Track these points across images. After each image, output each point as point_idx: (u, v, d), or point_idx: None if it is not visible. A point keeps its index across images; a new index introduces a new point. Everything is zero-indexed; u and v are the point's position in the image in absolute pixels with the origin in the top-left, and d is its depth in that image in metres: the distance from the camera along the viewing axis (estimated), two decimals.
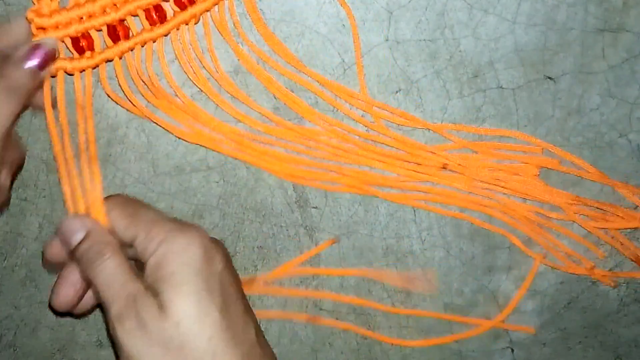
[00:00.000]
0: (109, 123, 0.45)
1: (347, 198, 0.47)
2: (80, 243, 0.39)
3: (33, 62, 0.39)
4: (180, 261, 0.36)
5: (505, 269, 0.49)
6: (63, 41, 0.41)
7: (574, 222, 0.47)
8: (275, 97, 0.45)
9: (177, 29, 0.42)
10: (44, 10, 0.40)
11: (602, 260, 0.48)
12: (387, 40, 0.44)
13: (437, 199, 0.47)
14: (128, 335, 0.35)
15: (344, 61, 0.44)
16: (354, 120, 0.45)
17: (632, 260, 0.48)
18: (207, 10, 0.42)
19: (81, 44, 0.41)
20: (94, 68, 0.42)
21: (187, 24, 0.42)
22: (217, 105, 0.44)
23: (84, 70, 0.42)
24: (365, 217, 0.47)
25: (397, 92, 0.45)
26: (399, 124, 0.46)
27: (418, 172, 0.46)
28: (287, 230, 0.47)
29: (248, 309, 0.38)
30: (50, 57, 0.40)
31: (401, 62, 0.45)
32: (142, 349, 0.35)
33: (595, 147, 0.46)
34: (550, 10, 0.44)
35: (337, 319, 0.49)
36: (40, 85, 0.40)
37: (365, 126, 0.45)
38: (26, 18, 0.40)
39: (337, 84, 0.45)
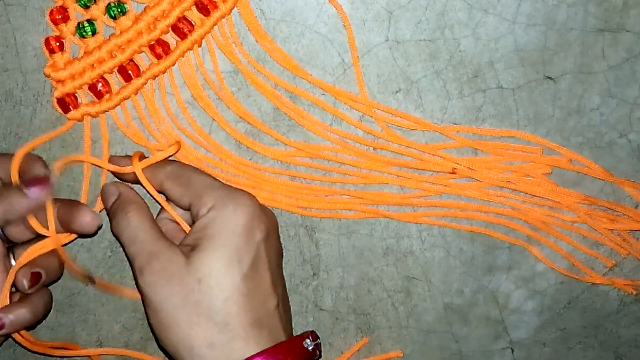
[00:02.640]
0: (109, 123, 0.45)
1: (347, 198, 0.47)
2: (112, 203, 0.42)
3: (33, 192, 0.41)
4: (222, 227, 0.39)
5: (505, 269, 0.49)
6: (81, 88, 0.43)
7: (585, 223, 0.47)
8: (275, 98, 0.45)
9: (183, 57, 0.43)
10: (59, 64, 0.43)
11: (603, 261, 0.48)
12: (387, 40, 0.44)
13: (449, 213, 0.47)
14: (150, 286, 0.39)
15: (344, 61, 0.44)
16: (353, 125, 0.45)
17: None
18: (207, 34, 0.43)
19: (99, 89, 0.43)
20: (115, 108, 0.44)
21: (191, 50, 0.43)
22: (226, 130, 0.45)
23: (107, 112, 0.44)
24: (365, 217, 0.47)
25: (397, 92, 0.45)
26: (402, 127, 0.45)
27: (427, 181, 0.46)
28: (287, 230, 0.47)
29: (277, 283, 0.41)
30: (48, 190, 0.41)
31: (401, 62, 0.45)
32: (163, 299, 0.38)
33: (595, 147, 0.46)
34: (550, 10, 0.44)
35: (337, 319, 0.49)
36: (30, 210, 0.42)
37: (371, 134, 0.45)
38: (44, 73, 0.43)
39: (342, 90, 0.45)
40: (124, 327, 0.48)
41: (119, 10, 0.42)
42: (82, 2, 0.42)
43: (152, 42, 0.43)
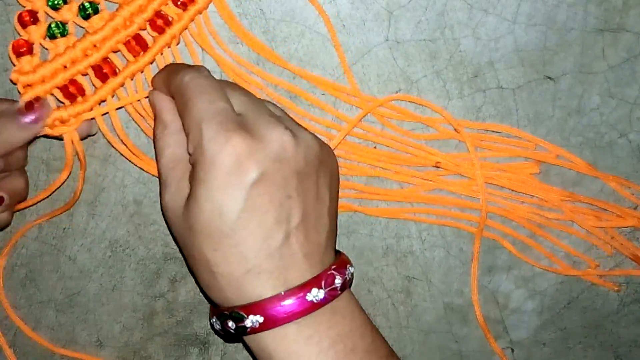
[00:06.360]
0: (110, 123, 0.45)
1: (347, 198, 0.47)
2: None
3: (28, 118, 0.41)
4: (205, 172, 0.36)
5: (505, 269, 0.49)
6: (52, 93, 0.42)
7: (572, 221, 0.47)
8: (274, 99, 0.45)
9: (162, 54, 0.42)
10: (26, 68, 0.41)
11: (603, 260, 0.48)
12: (387, 40, 0.44)
13: (433, 211, 0.47)
14: (163, 213, 0.39)
15: None
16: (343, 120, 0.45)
17: (632, 260, 0.48)
18: (185, 29, 0.42)
19: (71, 91, 0.42)
20: (90, 111, 0.42)
21: (169, 47, 0.43)
22: None
23: (80, 115, 0.42)
24: (365, 217, 0.47)
25: (397, 92, 0.45)
26: (393, 118, 0.46)
27: (415, 176, 0.46)
28: None
29: (286, 217, 0.36)
30: (45, 114, 0.41)
31: (401, 62, 0.45)
32: (171, 228, 0.39)
33: (595, 147, 0.46)
34: (550, 10, 0.44)
35: None
36: (28, 139, 0.42)
37: (362, 129, 0.46)
38: (10, 79, 0.41)
39: (325, 80, 0.45)
40: (124, 327, 0.48)
41: (92, 9, 0.41)
42: (53, 3, 0.41)
43: (129, 39, 0.41)
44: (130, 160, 0.45)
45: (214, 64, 0.44)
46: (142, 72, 0.42)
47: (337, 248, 0.48)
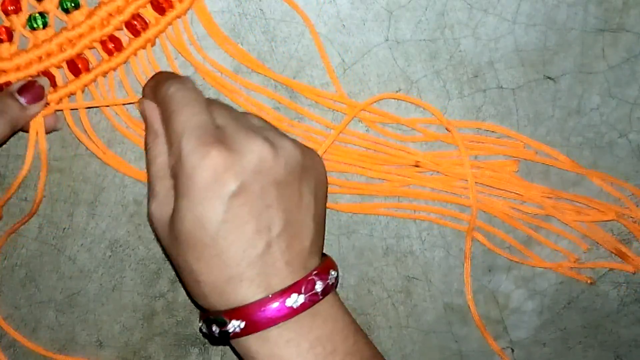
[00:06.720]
0: (109, 123, 0.45)
1: (347, 197, 0.47)
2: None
3: (23, 98, 0.42)
4: (185, 185, 0.36)
5: (505, 269, 0.49)
6: (25, 80, 0.42)
7: (552, 216, 0.47)
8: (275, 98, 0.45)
9: (136, 55, 0.43)
10: (4, 54, 0.42)
11: (602, 260, 0.48)
12: (387, 40, 0.44)
13: (411, 206, 0.47)
14: (151, 220, 0.39)
15: (344, 61, 0.44)
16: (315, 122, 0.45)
17: (614, 253, 0.48)
18: (162, 32, 0.43)
19: None
20: (58, 103, 0.43)
21: (144, 49, 0.43)
22: None
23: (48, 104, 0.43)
24: (365, 217, 0.47)
25: (397, 92, 0.45)
26: (378, 121, 0.46)
27: (392, 173, 0.46)
28: None
29: (267, 226, 0.37)
30: (39, 96, 0.42)
31: (401, 62, 0.45)
32: (158, 237, 0.40)
33: (595, 147, 0.47)
34: (550, 10, 0.44)
35: None
36: (29, 119, 0.43)
37: (356, 134, 0.46)
38: None
39: (313, 88, 0.45)
40: (124, 327, 0.48)
41: (73, 4, 0.42)
42: None
43: (105, 38, 0.42)
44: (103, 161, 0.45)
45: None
46: (114, 70, 0.43)
47: (337, 248, 0.48)
